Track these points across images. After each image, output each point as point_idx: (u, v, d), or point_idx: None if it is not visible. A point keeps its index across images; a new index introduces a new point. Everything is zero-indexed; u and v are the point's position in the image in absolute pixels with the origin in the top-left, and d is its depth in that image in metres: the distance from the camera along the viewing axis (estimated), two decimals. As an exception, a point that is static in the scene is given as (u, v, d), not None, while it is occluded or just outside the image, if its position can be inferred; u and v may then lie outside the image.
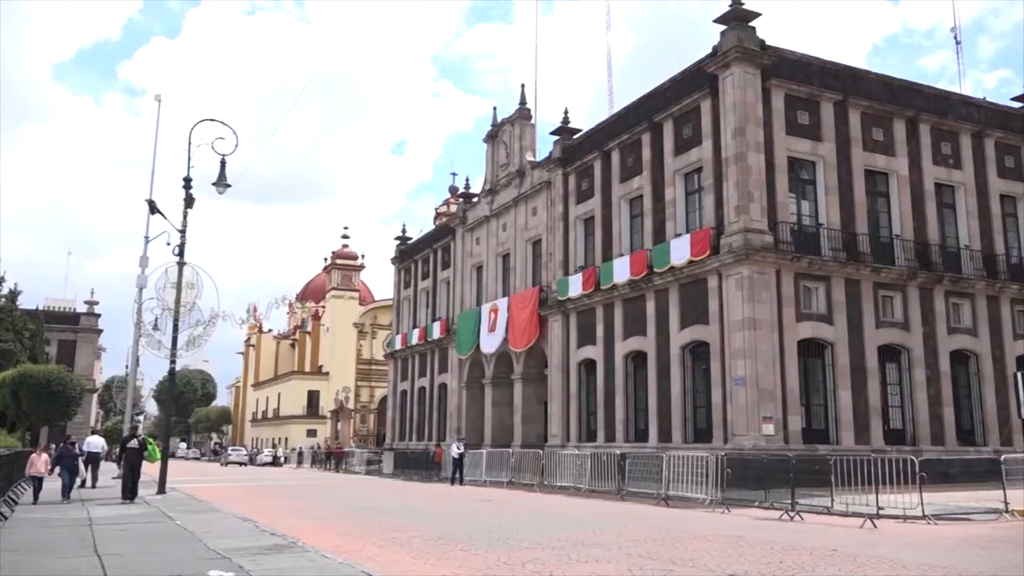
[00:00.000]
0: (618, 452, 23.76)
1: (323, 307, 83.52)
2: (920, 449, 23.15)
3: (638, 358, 27.89)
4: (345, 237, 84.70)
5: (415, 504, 20.58)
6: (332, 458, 49.49)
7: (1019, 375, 23.72)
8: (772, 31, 70.77)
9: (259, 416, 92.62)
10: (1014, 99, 30.64)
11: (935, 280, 25.92)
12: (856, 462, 16.33)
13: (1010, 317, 27.29)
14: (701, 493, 18.88)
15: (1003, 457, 16.65)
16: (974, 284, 26.64)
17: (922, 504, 14.74)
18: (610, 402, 28.79)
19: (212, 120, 21.75)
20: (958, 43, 39.05)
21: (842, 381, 23.94)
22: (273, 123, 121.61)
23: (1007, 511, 15.12)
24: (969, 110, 28.70)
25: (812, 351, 24.07)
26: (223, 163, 22.00)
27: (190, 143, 21.74)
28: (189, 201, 22.04)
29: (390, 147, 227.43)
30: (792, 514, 15.59)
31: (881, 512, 14.73)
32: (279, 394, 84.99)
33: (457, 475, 30.26)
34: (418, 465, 39.16)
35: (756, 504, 17.41)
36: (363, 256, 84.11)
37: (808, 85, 25.45)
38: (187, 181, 22.09)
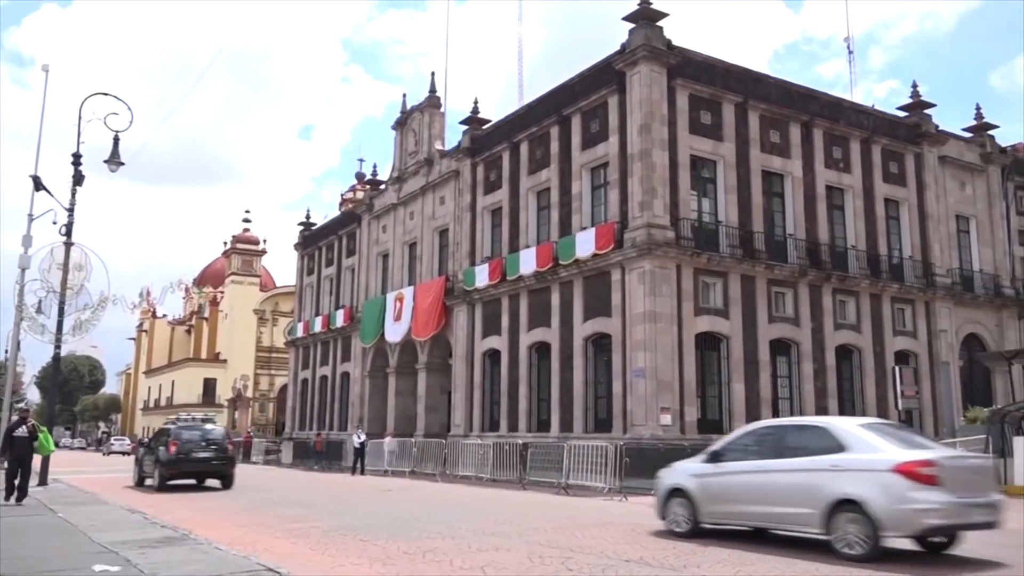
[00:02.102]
0: (520, 442, 23.99)
1: (222, 292, 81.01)
2: (806, 439, 24.26)
3: (542, 349, 28.21)
4: (246, 221, 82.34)
5: (314, 494, 20.24)
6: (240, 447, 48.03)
7: (897, 369, 25.25)
8: (679, 32, 72.79)
9: (151, 404, 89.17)
10: (900, 108, 32.39)
11: (824, 278, 27.19)
12: (747, 451, 16.97)
13: (890, 314, 28.91)
14: (600, 482, 19.27)
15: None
16: (859, 283, 28.08)
17: (807, 491, 15.44)
18: (514, 392, 29.03)
19: (105, 94, 20.72)
20: (851, 53, 41.17)
21: (736, 373, 24.86)
22: (173, 101, 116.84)
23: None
24: (859, 117, 30.17)
25: (709, 344, 24.90)
26: (116, 140, 20.97)
27: (80, 117, 20.63)
28: (78, 178, 20.93)
29: (297, 131, 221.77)
30: (686, 502, 16.08)
31: (769, 499, 15.33)
32: (173, 382, 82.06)
33: (358, 465, 29.95)
34: (318, 455, 38.56)
35: (652, 492, 17.84)
36: (265, 241, 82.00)
37: (711, 86, 26.22)
38: (76, 157, 20.96)
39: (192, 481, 21.55)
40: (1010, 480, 18.66)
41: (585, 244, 25.71)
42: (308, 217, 51.81)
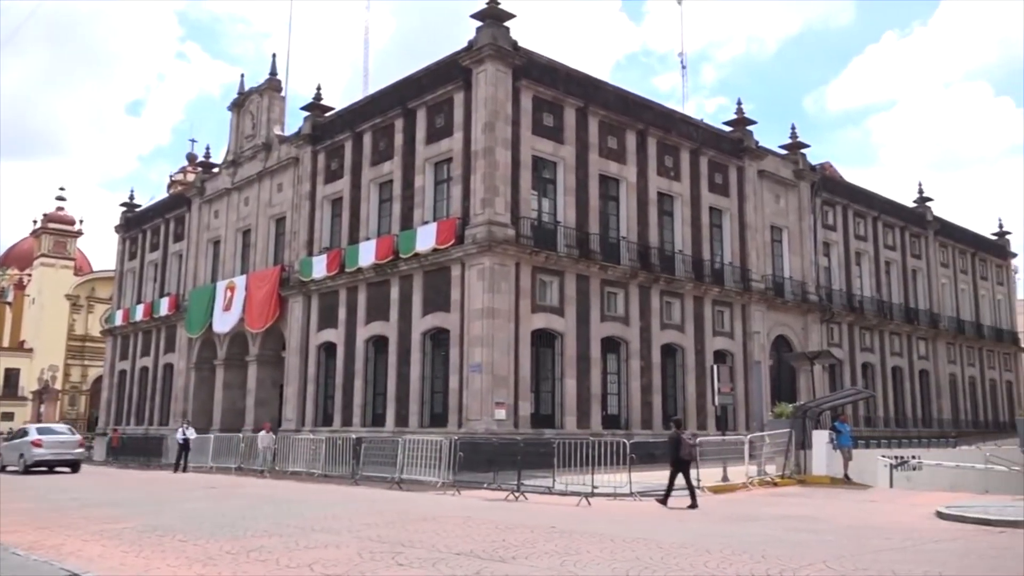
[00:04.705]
0: (354, 436, 23.64)
1: (29, 275, 74.40)
2: (632, 433, 25.45)
3: (380, 343, 27.90)
4: (60, 199, 76.04)
5: (130, 493, 19.03)
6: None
7: (715, 367, 26.96)
8: (526, 34, 74.14)
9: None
10: (726, 123, 34.53)
11: (653, 280, 28.58)
12: (577, 445, 17.59)
13: (711, 316, 30.81)
14: (434, 476, 19.33)
15: (698, 440, 18.74)
16: (684, 285, 29.72)
17: (630, 483, 16.27)
18: (349, 386, 28.54)
19: None
20: (684, 68, 43.79)
21: (569, 369, 25.65)
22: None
23: (699, 487, 17.07)
24: (690, 129, 31.90)
25: (544, 341, 25.54)
26: (-95, 101, 18.76)
27: None
28: None
29: (125, 105, 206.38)
30: (518, 495, 16.47)
31: (596, 491, 16.03)
32: (-32, 372, 74.43)
33: (182, 461, 28.43)
34: (136, 451, 36.31)
35: (485, 486, 18.14)
36: (82, 221, 76.07)
37: (554, 89, 26.87)
38: None
39: None
40: (809, 470, 20.39)
41: (426, 238, 25.66)
42: (132, 198, 48.59)
